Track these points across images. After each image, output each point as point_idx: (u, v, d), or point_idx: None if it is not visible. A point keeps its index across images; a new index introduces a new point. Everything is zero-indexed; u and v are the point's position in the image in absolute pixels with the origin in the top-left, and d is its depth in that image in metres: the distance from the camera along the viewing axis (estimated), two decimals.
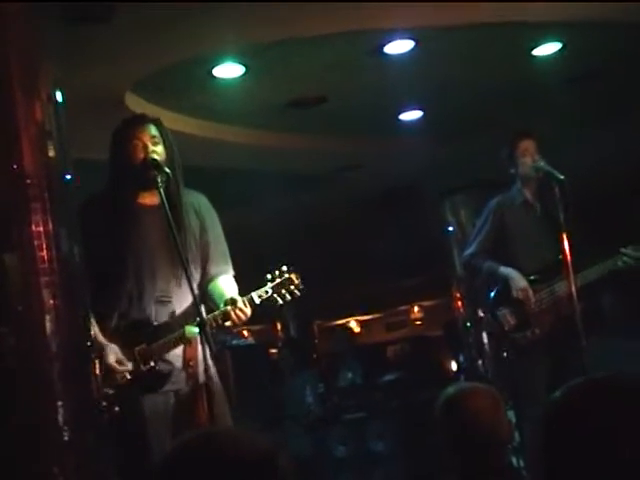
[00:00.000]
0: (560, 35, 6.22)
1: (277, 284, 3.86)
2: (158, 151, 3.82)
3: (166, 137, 3.92)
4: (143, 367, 3.77)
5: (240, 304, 3.75)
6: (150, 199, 3.90)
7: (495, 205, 5.65)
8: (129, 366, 3.76)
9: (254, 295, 3.82)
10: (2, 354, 2.93)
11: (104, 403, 3.60)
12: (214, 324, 3.76)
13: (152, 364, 3.78)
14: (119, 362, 3.74)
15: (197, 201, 4.05)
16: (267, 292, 3.84)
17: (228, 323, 3.78)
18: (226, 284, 4.01)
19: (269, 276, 3.86)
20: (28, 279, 2.93)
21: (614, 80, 7.05)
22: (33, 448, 2.91)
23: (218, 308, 3.85)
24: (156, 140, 3.85)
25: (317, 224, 10.33)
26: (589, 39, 6.28)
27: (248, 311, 3.78)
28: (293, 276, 3.88)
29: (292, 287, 3.88)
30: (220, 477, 1.55)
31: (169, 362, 3.85)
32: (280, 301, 3.87)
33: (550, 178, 5.07)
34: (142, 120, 4.00)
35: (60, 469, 2.86)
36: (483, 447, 2.81)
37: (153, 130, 3.89)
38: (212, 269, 4.03)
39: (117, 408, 3.65)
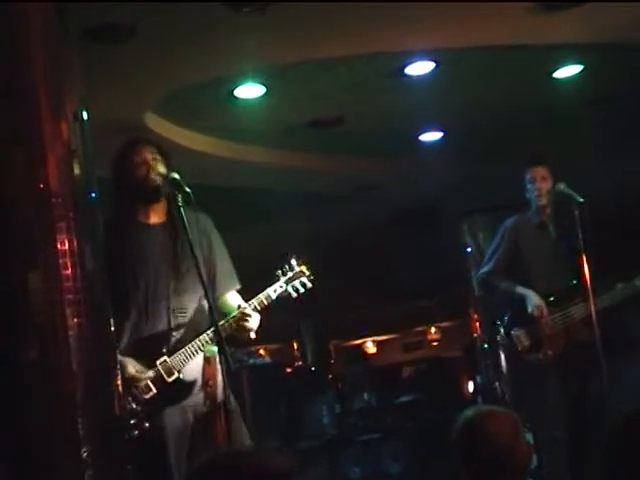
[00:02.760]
0: (581, 57, 6.23)
1: (289, 277, 4.02)
2: (159, 168, 3.91)
3: (166, 156, 4.03)
4: (168, 379, 3.82)
5: (245, 310, 3.88)
6: (154, 218, 4.02)
7: (511, 224, 5.67)
8: (150, 373, 3.80)
9: (270, 290, 3.97)
10: (24, 370, 2.94)
11: (133, 420, 3.67)
12: (229, 330, 3.85)
13: (176, 375, 3.83)
14: (139, 372, 3.79)
15: (202, 220, 4.12)
16: (281, 286, 4.00)
17: (242, 324, 3.87)
18: (235, 301, 4.09)
19: (280, 271, 4.02)
20: (52, 297, 2.94)
21: (635, 102, 7.04)
22: (53, 464, 2.92)
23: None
24: (156, 157, 3.96)
25: (335, 244, 10.32)
26: (610, 61, 6.28)
27: (256, 316, 3.91)
28: (303, 268, 4.06)
29: (304, 279, 4.05)
30: None
31: (189, 374, 3.90)
32: (294, 294, 4.03)
33: (570, 200, 5.07)
34: (141, 140, 4.18)
35: None
36: (501, 470, 2.80)
37: (152, 148, 4.02)
38: (220, 286, 4.11)
39: (147, 424, 3.72)
